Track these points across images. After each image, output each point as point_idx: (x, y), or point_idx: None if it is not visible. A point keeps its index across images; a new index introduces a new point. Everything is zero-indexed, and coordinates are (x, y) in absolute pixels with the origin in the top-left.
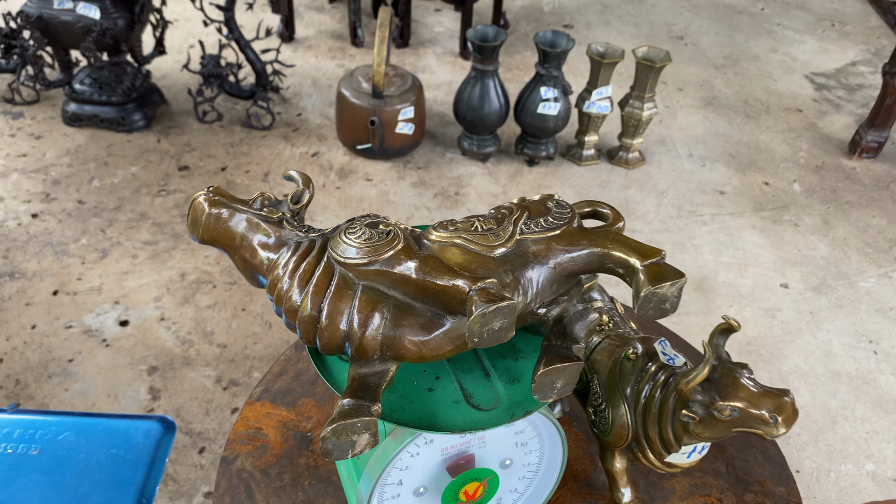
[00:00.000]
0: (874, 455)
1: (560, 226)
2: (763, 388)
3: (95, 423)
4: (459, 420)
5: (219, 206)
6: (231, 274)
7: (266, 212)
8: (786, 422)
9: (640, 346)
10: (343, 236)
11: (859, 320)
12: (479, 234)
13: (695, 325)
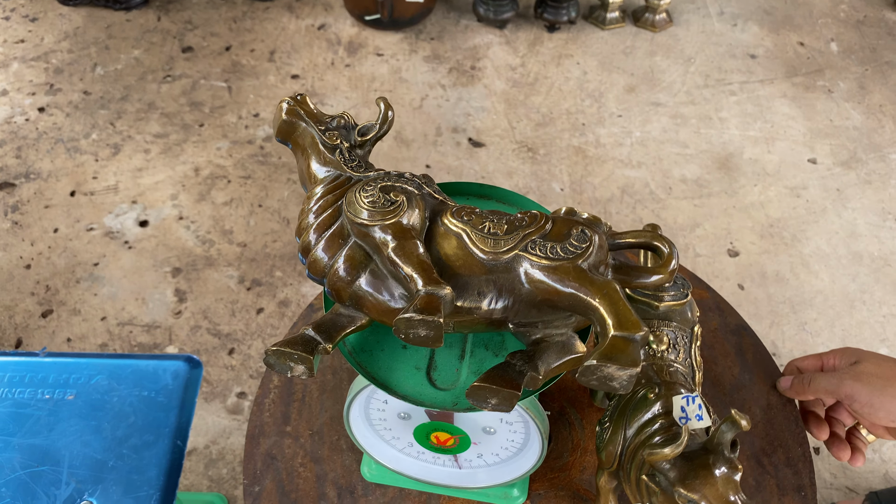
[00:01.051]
0: (889, 339)
1: (563, 259)
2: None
3: (125, 366)
4: (409, 387)
5: (293, 116)
6: (245, 167)
7: (328, 135)
8: None
9: (662, 389)
10: (357, 191)
11: (888, 196)
12: (483, 236)
13: (717, 208)
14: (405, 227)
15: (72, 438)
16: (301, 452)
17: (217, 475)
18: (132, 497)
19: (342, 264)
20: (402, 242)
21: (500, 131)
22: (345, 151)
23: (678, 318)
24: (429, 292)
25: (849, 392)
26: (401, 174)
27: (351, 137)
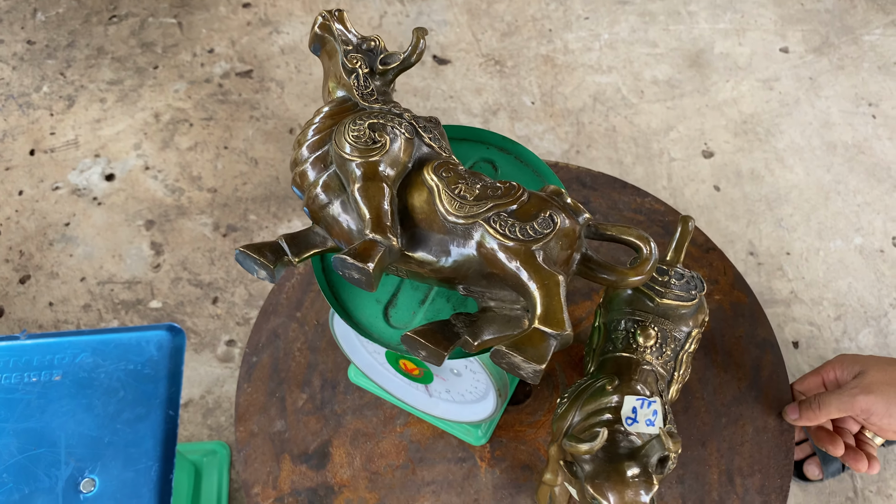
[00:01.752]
0: (863, 228)
1: (519, 240)
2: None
3: (108, 341)
4: (364, 317)
5: (324, 31)
6: (205, 108)
7: (349, 57)
8: None
9: (617, 384)
10: (348, 122)
11: (860, 81)
12: (452, 196)
13: (690, 108)
14: (378, 169)
15: (65, 419)
16: (302, 338)
17: (216, 423)
18: (132, 470)
19: (321, 187)
20: (369, 184)
21: (465, 45)
22: (361, 77)
23: (676, 317)
24: (370, 239)
25: (864, 407)
26: (400, 113)
27: (374, 64)
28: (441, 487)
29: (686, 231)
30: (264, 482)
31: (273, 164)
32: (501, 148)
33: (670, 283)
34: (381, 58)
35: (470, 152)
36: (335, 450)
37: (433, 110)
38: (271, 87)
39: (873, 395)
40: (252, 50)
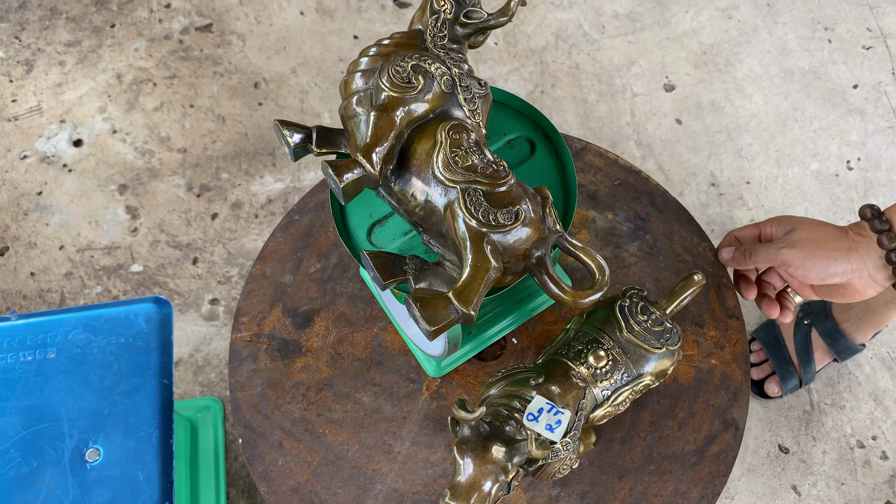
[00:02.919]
0: (819, 153)
1: (478, 221)
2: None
3: (97, 316)
4: (352, 224)
5: None
6: (168, 67)
7: (440, 2)
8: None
9: (540, 382)
10: (399, 56)
11: (817, 5)
12: (446, 158)
13: (651, 42)
14: (399, 106)
15: (64, 394)
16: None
17: (207, 380)
18: (133, 438)
19: (355, 99)
20: (384, 114)
21: None
22: (440, 21)
23: (636, 356)
24: (353, 159)
25: (784, 259)
26: (449, 67)
27: (458, 10)
28: (383, 392)
29: (688, 284)
30: (253, 316)
31: (240, 121)
32: (546, 135)
33: (645, 323)
34: (467, 10)
35: (519, 127)
36: (319, 320)
37: None
38: (232, 41)
39: (794, 249)
40: (210, 2)
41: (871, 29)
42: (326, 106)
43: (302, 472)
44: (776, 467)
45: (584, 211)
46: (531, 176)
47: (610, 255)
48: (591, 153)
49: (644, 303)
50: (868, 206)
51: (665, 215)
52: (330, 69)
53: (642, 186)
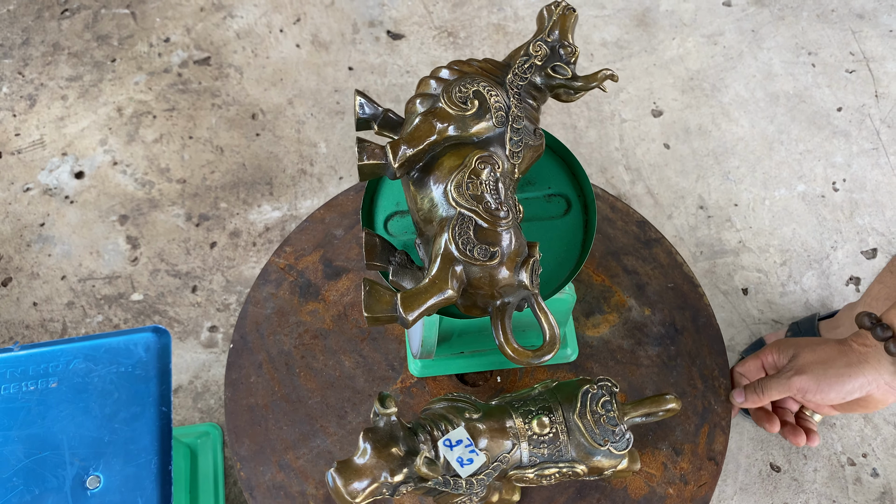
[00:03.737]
0: (805, 175)
1: (456, 247)
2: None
3: (98, 346)
4: (376, 208)
5: (550, 14)
6: (167, 99)
7: (535, 45)
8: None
9: (475, 418)
10: (471, 78)
11: (800, 31)
12: (462, 181)
13: (638, 68)
14: (446, 120)
15: (65, 423)
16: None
17: (206, 406)
18: (133, 465)
19: (420, 98)
20: (430, 119)
21: (418, 18)
22: (528, 64)
23: (577, 442)
24: (387, 145)
25: (800, 387)
26: (509, 105)
27: (548, 62)
28: (364, 365)
29: (658, 402)
30: (295, 250)
31: (238, 151)
32: (586, 200)
33: (600, 416)
34: (555, 65)
35: (564, 185)
36: (345, 279)
37: (391, 87)
38: (230, 73)
39: (806, 374)
40: (208, 36)
41: (854, 53)
42: (322, 136)
43: (263, 397)
44: (768, 486)
45: (626, 297)
46: (555, 233)
47: (627, 347)
48: (662, 249)
49: (609, 398)
50: (865, 314)
51: (699, 336)
52: (325, 100)
53: (693, 300)
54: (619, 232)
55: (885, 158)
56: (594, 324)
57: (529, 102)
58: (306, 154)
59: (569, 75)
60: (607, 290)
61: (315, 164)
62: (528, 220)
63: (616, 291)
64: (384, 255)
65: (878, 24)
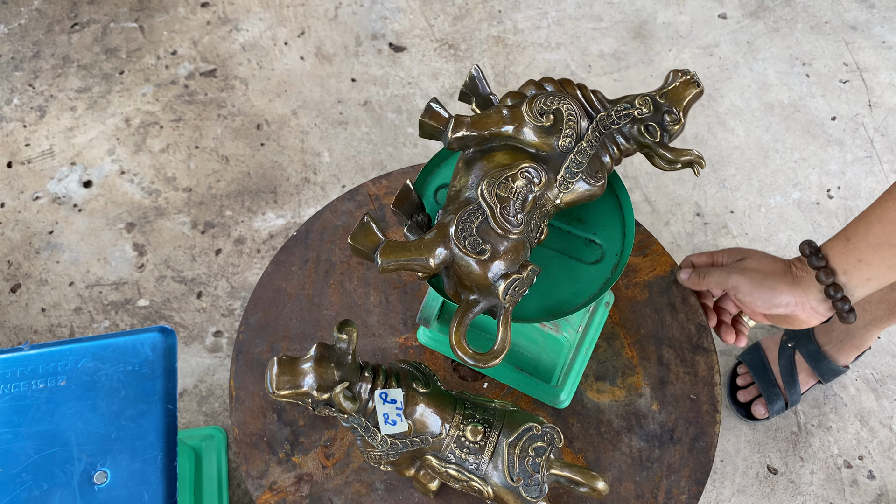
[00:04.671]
0: (800, 183)
1: (450, 221)
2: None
3: (105, 346)
4: (431, 181)
5: (674, 79)
6: (174, 110)
7: (643, 98)
8: None
9: (419, 391)
10: (555, 95)
11: (794, 42)
12: (497, 179)
13: (635, 79)
14: (515, 120)
15: (73, 420)
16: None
17: (210, 410)
18: (139, 460)
19: (513, 96)
20: (500, 114)
21: (419, 31)
22: (626, 111)
23: (494, 467)
24: (454, 116)
25: (734, 284)
26: (580, 138)
27: (646, 119)
28: (384, 306)
29: (584, 476)
30: (386, 188)
31: (243, 160)
32: (612, 252)
33: (524, 457)
34: (649, 124)
35: (609, 238)
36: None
37: (393, 98)
38: (236, 85)
39: (744, 276)
40: (214, 49)
41: (848, 63)
42: (326, 145)
43: (294, 286)
44: (765, 488)
45: (644, 383)
46: (576, 275)
47: (616, 426)
48: (706, 360)
49: (544, 445)
50: (806, 242)
51: (689, 456)
52: (329, 111)
53: (704, 421)
54: (676, 323)
55: (878, 166)
56: (600, 389)
57: (611, 147)
58: (310, 163)
59: (657, 139)
60: (631, 367)
61: (318, 172)
62: (556, 250)
63: (638, 373)
64: (410, 208)
65: (871, 36)
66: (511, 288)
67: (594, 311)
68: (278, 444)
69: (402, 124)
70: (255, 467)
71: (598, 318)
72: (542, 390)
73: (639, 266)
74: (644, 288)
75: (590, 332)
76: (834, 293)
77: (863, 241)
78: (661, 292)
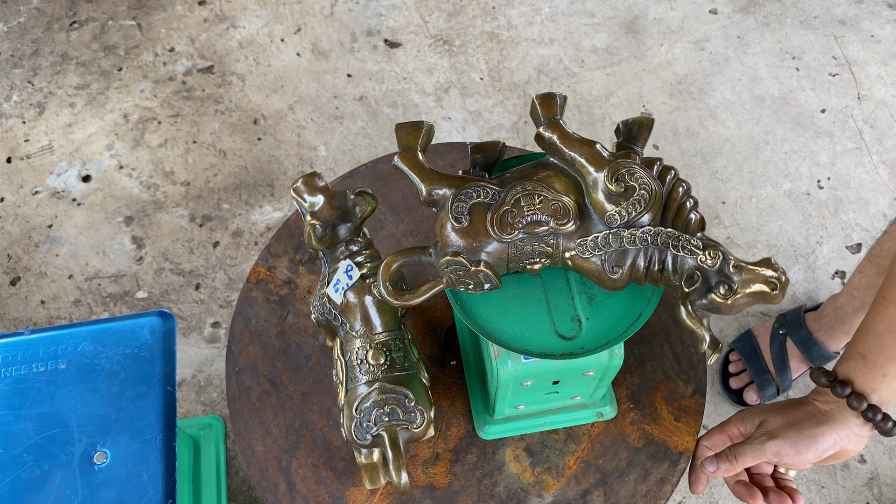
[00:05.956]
0: (791, 174)
1: (451, 198)
2: None
3: (105, 329)
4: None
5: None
6: (172, 106)
7: (713, 254)
8: None
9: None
10: (643, 168)
11: (784, 36)
12: (530, 204)
13: (628, 74)
14: (594, 160)
15: (73, 402)
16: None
17: (209, 399)
18: (139, 441)
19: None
20: (593, 148)
21: (414, 27)
22: (694, 248)
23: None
24: (557, 119)
25: (775, 451)
26: (628, 226)
27: (700, 270)
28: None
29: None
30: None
31: (241, 155)
32: (580, 346)
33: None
34: (699, 271)
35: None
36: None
37: (388, 93)
38: (233, 81)
39: (779, 439)
40: (211, 46)
41: (837, 57)
42: (322, 139)
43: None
44: None
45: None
46: (539, 318)
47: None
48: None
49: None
50: (820, 371)
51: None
52: (325, 105)
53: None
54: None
55: (868, 157)
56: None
57: (652, 258)
58: (306, 157)
59: (690, 289)
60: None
61: (315, 166)
62: (544, 288)
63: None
64: (483, 161)
65: (860, 30)
66: (453, 268)
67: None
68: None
69: (398, 119)
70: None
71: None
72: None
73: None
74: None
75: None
76: (873, 416)
77: (880, 355)
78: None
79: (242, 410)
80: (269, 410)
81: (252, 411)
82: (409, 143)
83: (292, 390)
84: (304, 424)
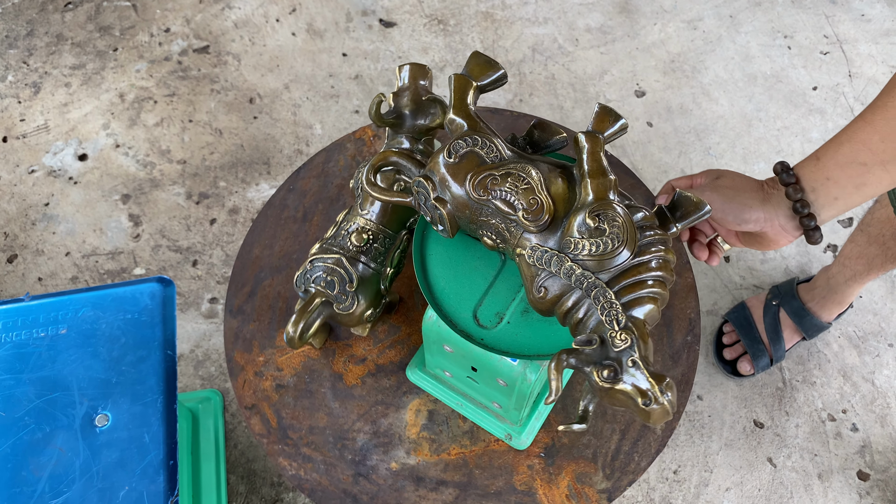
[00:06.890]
0: (783, 150)
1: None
2: None
3: (105, 295)
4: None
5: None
6: (167, 85)
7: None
8: None
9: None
10: (631, 222)
11: (776, 15)
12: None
13: (622, 52)
14: (600, 181)
15: (74, 366)
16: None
17: (207, 374)
18: (139, 404)
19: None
20: (604, 157)
21: (409, 7)
22: (596, 303)
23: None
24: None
25: (708, 199)
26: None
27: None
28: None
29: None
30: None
31: (237, 133)
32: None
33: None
34: (605, 362)
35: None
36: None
37: (383, 71)
38: (228, 61)
39: (717, 193)
40: (207, 26)
41: (828, 36)
42: (318, 118)
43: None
44: (752, 441)
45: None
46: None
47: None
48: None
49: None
50: (780, 162)
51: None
52: (320, 84)
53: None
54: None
55: None
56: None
57: (576, 305)
58: (302, 135)
59: (588, 377)
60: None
61: (311, 144)
62: (499, 273)
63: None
64: (530, 138)
65: (851, 9)
66: (420, 189)
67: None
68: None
69: None
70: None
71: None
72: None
73: None
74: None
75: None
76: (801, 209)
77: (832, 159)
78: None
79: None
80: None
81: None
82: (472, 73)
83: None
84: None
